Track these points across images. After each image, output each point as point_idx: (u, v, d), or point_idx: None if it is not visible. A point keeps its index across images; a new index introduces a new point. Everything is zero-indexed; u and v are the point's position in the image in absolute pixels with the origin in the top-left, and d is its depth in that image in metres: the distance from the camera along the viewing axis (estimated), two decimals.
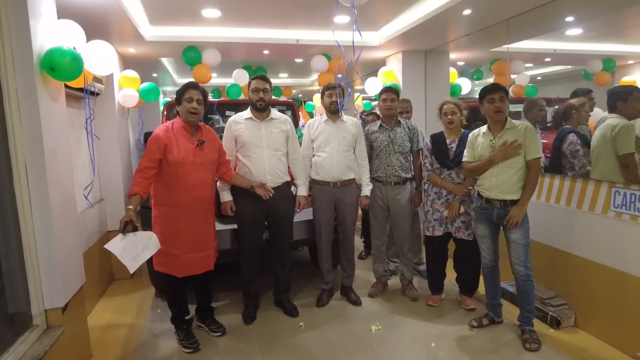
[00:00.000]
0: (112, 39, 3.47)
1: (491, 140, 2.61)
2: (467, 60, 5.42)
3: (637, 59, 4.78)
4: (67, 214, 2.31)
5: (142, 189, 2.32)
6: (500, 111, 2.55)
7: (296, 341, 2.71)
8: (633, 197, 2.37)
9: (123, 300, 3.46)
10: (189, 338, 2.66)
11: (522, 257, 2.55)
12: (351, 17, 3.47)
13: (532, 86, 5.77)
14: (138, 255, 2.17)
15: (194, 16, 3.20)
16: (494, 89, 2.58)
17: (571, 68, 5.91)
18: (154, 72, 5.25)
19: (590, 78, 4.87)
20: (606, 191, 2.54)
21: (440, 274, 3.19)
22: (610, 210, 2.51)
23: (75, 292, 2.38)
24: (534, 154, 2.50)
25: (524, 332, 2.60)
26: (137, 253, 2.17)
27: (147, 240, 2.24)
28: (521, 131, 2.53)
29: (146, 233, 2.29)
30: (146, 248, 2.22)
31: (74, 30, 2.22)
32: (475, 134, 2.74)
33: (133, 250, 2.16)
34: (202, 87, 2.60)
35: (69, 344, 2.26)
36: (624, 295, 2.43)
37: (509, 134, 2.55)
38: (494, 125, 2.63)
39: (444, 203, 3.01)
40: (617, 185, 2.48)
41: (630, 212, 2.39)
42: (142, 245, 2.20)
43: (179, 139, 2.50)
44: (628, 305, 2.41)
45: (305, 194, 3.07)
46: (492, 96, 2.55)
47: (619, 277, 2.45)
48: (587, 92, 3.63)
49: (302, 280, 3.72)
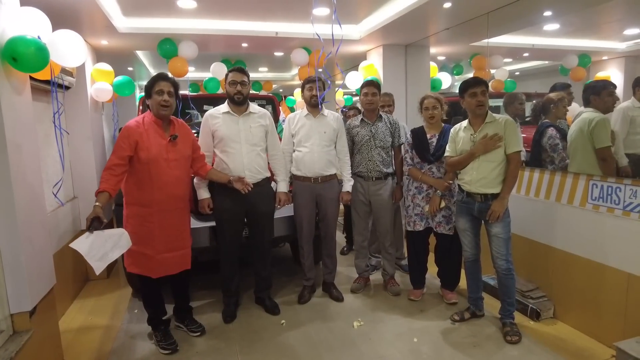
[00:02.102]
0: (84, 30, 3.32)
1: (472, 134, 2.61)
2: (448, 55, 5.43)
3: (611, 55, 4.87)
4: (34, 213, 2.19)
5: (111, 186, 2.22)
6: (482, 105, 2.54)
7: (278, 339, 2.66)
8: (610, 189, 2.41)
9: (98, 301, 3.34)
10: (166, 339, 2.58)
11: (503, 251, 2.56)
12: (330, 9, 3.42)
13: (511, 81, 5.84)
14: (106, 255, 2.07)
15: (169, 7, 3.08)
16: (475, 82, 2.57)
17: (548, 63, 6.00)
18: (129, 66, 5.07)
19: (567, 73, 4.95)
20: (584, 184, 2.57)
21: (422, 268, 3.18)
22: (588, 203, 2.54)
23: (45, 295, 2.27)
24: (514, 148, 2.50)
25: (505, 325, 2.62)
26: (106, 252, 2.07)
27: (117, 239, 2.14)
28: (501, 125, 2.53)
29: (116, 230, 2.19)
30: (116, 247, 2.12)
31: (39, 18, 2.09)
32: (456, 129, 2.73)
33: (101, 249, 2.06)
34: (173, 78, 2.50)
35: (38, 349, 2.16)
36: (601, 286, 2.47)
37: (489, 127, 2.55)
38: (474, 119, 2.62)
39: (425, 197, 3.00)
40: (594, 178, 2.51)
41: (607, 204, 2.42)
42: (112, 243, 2.11)
43: (151, 134, 2.40)
44: (605, 296, 2.45)
45: (286, 190, 3.01)
46: (474, 90, 2.54)
47: (596, 268, 2.49)
48: (566, 86, 3.68)
49: (284, 277, 3.67)
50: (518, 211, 3.00)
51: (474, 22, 3.51)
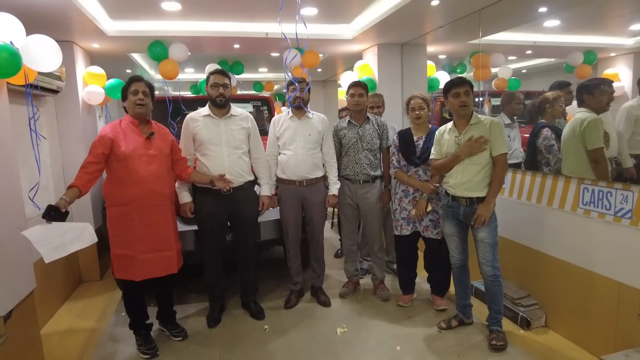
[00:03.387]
0: (74, 35, 3.36)
1: (457, 137, 2.53)
2: (448, 53, 5.30)
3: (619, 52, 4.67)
4: (9, 219, 2.20)
5: (82, 182, 2.21)
6: (465, 105, 2.46)
7: (258, 346, 2.63)
8: (601, 193, 2.30)
9: (88, 303, 3.36)
10: (147, 343, 2.57)
11: (489, 256, 2.48)
12: (319, 9, 3.36)
13: (514, 79, 5.67)
14: (63, 246, 1.98)
15: (154, 9, 3.07)
16: (458, 82, 2.49)
17: (555, 61, 5.81)
18: (127, 69, 5.11)
19: (572, 71, 4.77)
20: (575, 188, 2.46)
21: (411, 273, 3.11)
22: (579, 208, 2.43)
23: (22, 300, 2.28)
24: (500, 150, 2.42)
25: (492, 332, 2.53)
26: (63, 243, 1.98)
27: (79, 232, 2.07)
28: (487, 126, 2.44)
29: (80, 224, 2.14)
30: (77, 239, 2.04)
31: (12, 24, 2.10)
32: (441, 131, 2.65)
33: (57, 239, 1.98)
34: (148, 80, 2.51)
35: (14, 354, 2.16)
36: (592, 295, 2.36)
37: (474, 129, 2.47)
38: (459, 120, 2.54)
39: (412, 201, 2.92)
40: (585, 182, 2.40)
41: (598, 209, 2.31)
42: (72, 235, 2.03)
43: (128, 133, 2.40)
44: (596, 306, 2.34)
45: (269, 193, 2.97)
46: (457, 90, 2.46)
47: (587, 276, 2.38)
48: (565, 85, 3.54)
49: (273, 281, 3.63)
50: (509, 215, 2.91)
51: (468, 20, 3.41)
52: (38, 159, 2.62)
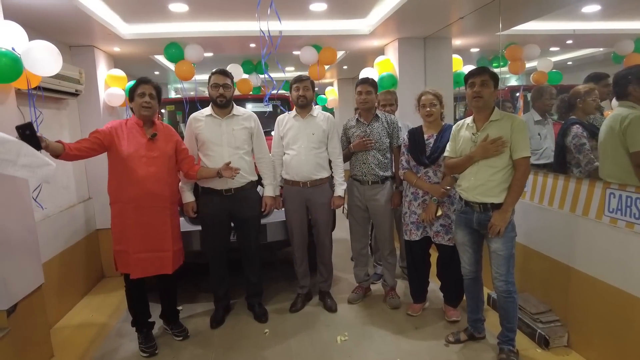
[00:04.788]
0: (94, 40, 3.49)
1: (473, 134, 2.29)
2: (480, 46, 4.98)
3: None
4: (13, 217, 2.29)
5: (69, 145, 2.22)
6: (479, 97, 2.20)
7: (255, 349, 2.58)
8: (629, 200, 2.01)
9: (106, 298, 3.49)
10: (147, 342, 2.60)
11: (502, 270, 2.23)
12: (328, 4, 3.25)
13: (555, 72, 5.22)
14: (9, 163, 1.81)
15: (162, 11, 3.10)
16: (476, 72, 2.25)
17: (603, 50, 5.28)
18: (154, 70, 5.27)
19: (621, 61, 4.31)
20: (600, 193, 2.17)
21: (422, 281, 2.92)
22: (604, 216, 2.15)
23: (28, 294, 2.38)
24: (522, 152, 2.15)
25: (501, 352, 2.30)
26: (12, 160, 1.82)
27: (38, 164, 1.90)
28: (508, 125, 2.18)
29: (46, 160, 1.95)
30: (29, 168, 1.87)
31: (14, 31, 2.18)
32: (459, 125, 2.42)
33: (10, 154, 1.81)
34: (155, 82, 2.53)
35: (17, 345, 2.26)
36: (626, 318, 2.04)
37: (493, 127, 2.21)
38: (477, 115, 2.30)
39: (421, 204, 2.74)
40: (612, 186, 2.11)
41: (625, 217, 2.02)
42: (27, 161, 1.86)
43: (131, 133, 2.45)
44: (630, 331, 2.03)
45: (272, 194, 2.91)
46: (473, 80, 2.22)
47: (618, 296, 2.07)
48: (602, 77, 3.18)
49: (283, 283, 3.58)
50: (530, 221, 2.66)
51: (490, 9, 3.14)
52: None
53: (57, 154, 2.17)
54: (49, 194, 3.06)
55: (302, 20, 3.66)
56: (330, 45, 4.13)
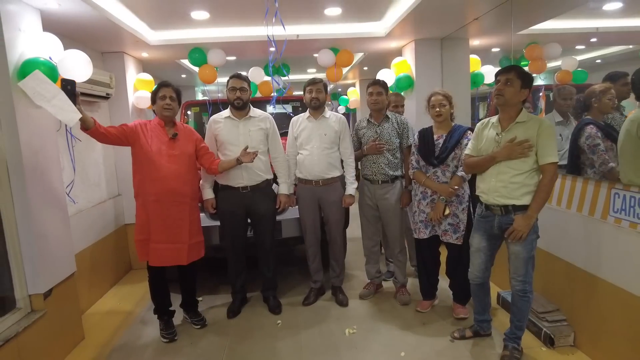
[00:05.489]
0: (124, 46, 3.73)
1: (497, 134, 2.24)
2: (501, 46, 4.93)
3: None
4: (50, 210, 2.53)
5: (99, 124, 2.44)
6: (499, 95, 2.17)
7: (267, 339, 2.72)
8: (633, 200, 2.01)
9: (132, 288, 3.72)
10: (167, 328, 2.79)
11: (521, 271, 2.21)
12: (343, 9, 3.35)
13: (581, 71, 5.11)
14: (43, 98, 2.17)
15: (185, 18, 3.30)
16: (503, 70, 2.22)
17: (633, 48, 5.12)
18: (181, 74, 5.53)
19: None
20: (606, 192, 2.18)
21: (431, 278, 2.98)
22: (609, 216, 2.16)
23: (62, 280, 2.62)
24: (549, 158, 2.09)
25: (506, 348, 2.34)
26: (46, 97, 2.17)
27: (66, 108, 2.20)
28: (535, 128, 2.12)
29: (74, 108, 2.24)
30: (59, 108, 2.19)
31: (52, 42, 2.42)
32: (483, 123, 2.37)
33: (47, 92, 2.17)
34: (175, 85, 2.71)
35: (53, 326, 2.49)
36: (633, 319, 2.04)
37: (519, 128, 2.17)
38: (502, 114, 2.25)
39: (430, 203, 2.80)
40: (616, 186, 2.12)
41: (629, 218, 2.03)
42: (59, 104, 2.18)
43: (154, 133, 2.64)
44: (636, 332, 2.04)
45: (286, 192, 3.04)
46: (499, 77, 2.20)
47: (623, 296, 2.08)
48: (621, 75, 3.12)
49: (300, 277, 3.71)
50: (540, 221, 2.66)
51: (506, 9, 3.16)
52: (73, 159, 2.96)
53: (88, 126, 2.36)
54: (81, 190, 3.32)
55: (319, 24, 3.78)
56: (347, 47, 4.24)
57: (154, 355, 2.60)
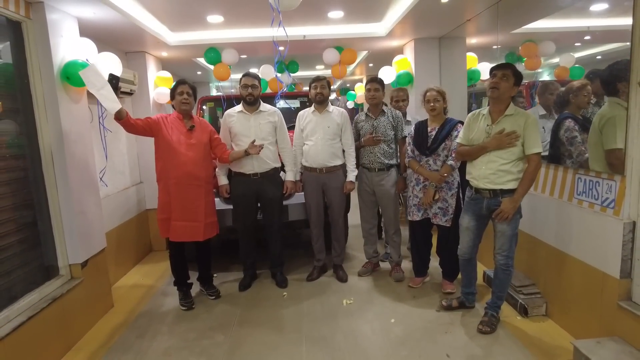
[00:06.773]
0: (145, 46, 4.09)
1: (488, 125, 2.47)
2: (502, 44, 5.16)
3: None
4: (86, 192, 2.90)
5: (131, 116, 2.77)
6: (495, 88, 2.38)
7: (274, 308, 3.06)
8: (591, 183, 2.30)
9: (153, 267, 4.11)
10: (185, 298, 3.16)
11: (505, 247, 2.48)
12: (345, 12, 3.65)
13: (577, 67, 5.31)
14: (95, 87, 2.52)
15: (202, 21, 3.64)
16: (500, 65, 2.43)
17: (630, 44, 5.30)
18: (197, 71, 5.90)
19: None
20: (571, 177, 2.47)
21: (423, 257, 3.29)
22: (574, 198, 2.44)
23: (95, 254, 3.00)
24: (534, 148, 2.35)
25: (485, 315, 2.64)
26: (97, 86, 2.53)
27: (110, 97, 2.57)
28: (522, 121, 2.37)
29: (116, 99, 2.61)
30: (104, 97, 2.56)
31: (87, 45, 2.78)
32: (474, 114, 2.59)
33: (99, 82, 2.53)
34: (191, 82, 3.05)
35: (88, 293, 2.88)
36: (585, 286, 2.36)
37: (508, 121, 2.40)
38: (493, 107, 2.47)
39: (422, 189, 3.10)
40: (579, 172, 2.40)
41: (588, 199, 2.32)
42: (106, 93, 2.55)
43: (174, 125, 2.99)
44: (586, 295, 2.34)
45: (293, 179, 3.38)
46: (495, 72, 2.41)
47: (579, 266, 2.38)
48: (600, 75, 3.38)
49: (305, 259, 4.04)
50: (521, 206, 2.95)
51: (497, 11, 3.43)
52: (105, 148, 3.33)
53: (122, 116, 2.69)
54: (109, 177, 3.71)
55: (323, 25, 4.08)
56: (351, 46, 4.54)
57: (174, 320, 2.97)
